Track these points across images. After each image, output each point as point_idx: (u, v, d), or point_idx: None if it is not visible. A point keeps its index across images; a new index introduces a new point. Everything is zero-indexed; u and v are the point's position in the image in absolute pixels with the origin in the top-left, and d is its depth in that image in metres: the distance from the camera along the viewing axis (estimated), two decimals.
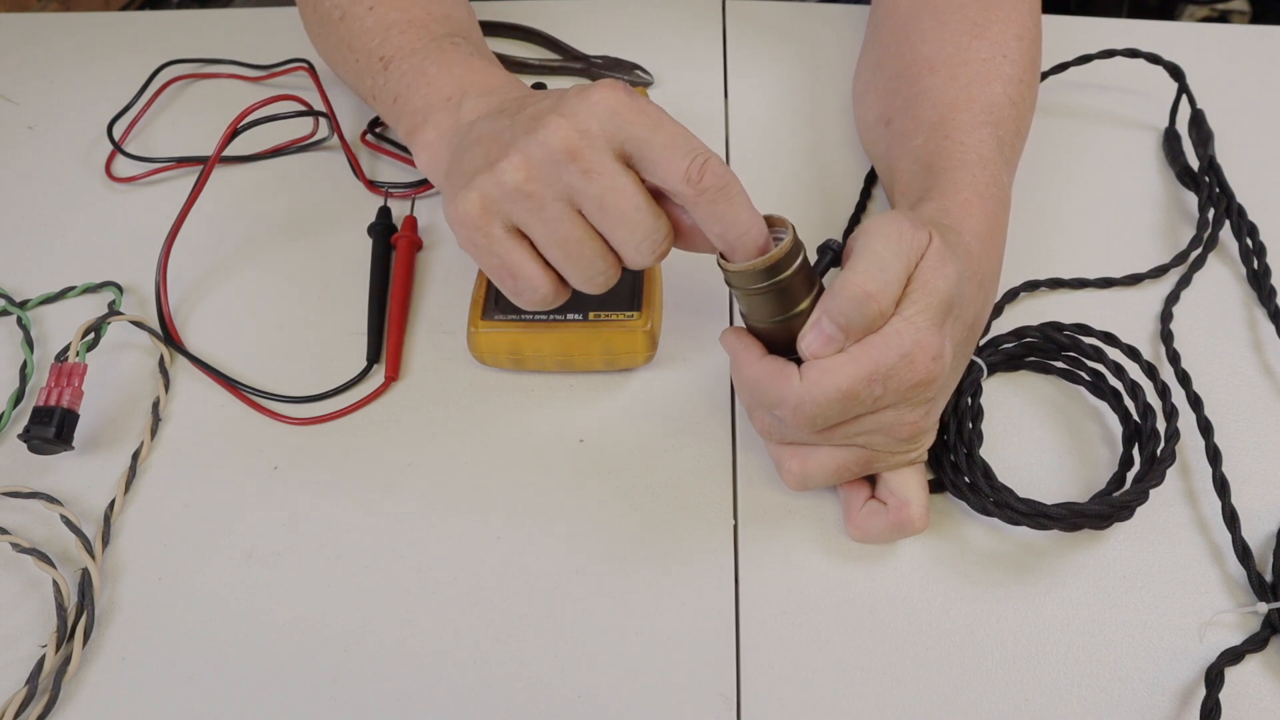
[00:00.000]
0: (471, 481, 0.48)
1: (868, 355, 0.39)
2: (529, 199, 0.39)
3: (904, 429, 0.41)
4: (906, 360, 0.39)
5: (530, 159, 0.39)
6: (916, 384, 0.40)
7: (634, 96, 0.39)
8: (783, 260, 0.39)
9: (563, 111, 0.39)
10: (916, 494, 0.43)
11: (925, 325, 0.39)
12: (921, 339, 0.39)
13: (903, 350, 0.39)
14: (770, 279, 0.40)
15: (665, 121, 0.39)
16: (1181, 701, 0.41)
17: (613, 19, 0.73)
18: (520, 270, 0.41)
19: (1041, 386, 0.51)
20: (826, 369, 0.39)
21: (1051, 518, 0.43)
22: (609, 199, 0.39)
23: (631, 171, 0.39)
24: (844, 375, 0.39)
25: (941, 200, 0.46)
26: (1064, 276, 0.55)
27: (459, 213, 0.41)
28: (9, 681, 0.42)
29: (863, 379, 0.39)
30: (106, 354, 0.53)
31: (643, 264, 0.41)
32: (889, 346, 0.39)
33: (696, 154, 0.38)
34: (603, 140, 0.39)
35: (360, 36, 0.54)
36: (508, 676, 0.42)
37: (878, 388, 0.39)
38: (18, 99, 0.69)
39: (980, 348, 0.50)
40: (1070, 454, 0.49)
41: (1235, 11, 1.26)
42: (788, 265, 0.39)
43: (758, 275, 0.40)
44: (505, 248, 0.41)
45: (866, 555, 0.45)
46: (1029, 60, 0.54)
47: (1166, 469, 0.45)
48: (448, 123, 0.47)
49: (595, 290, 0.42)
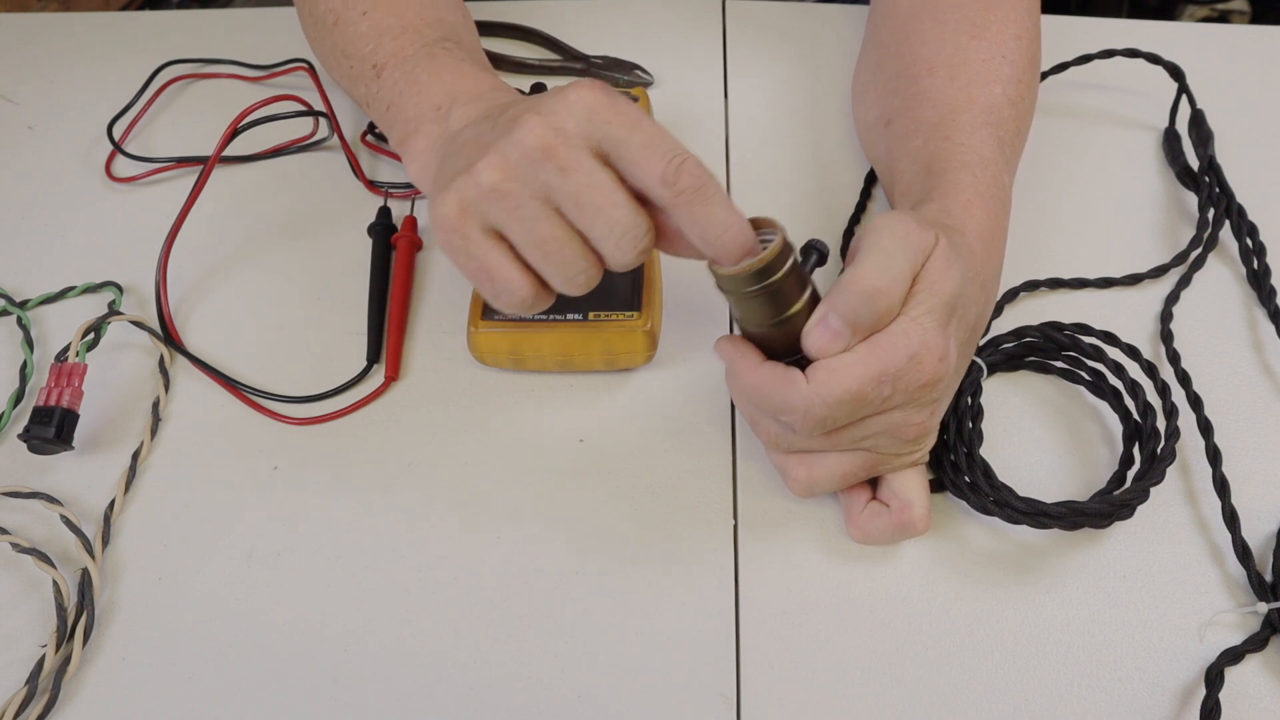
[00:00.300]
0: (471, 481, 0.48)
1: (875, 356, 0.39)
2: (505, 198, 0.39)
3: (910, 429, 0.41)
4: (914, 361, 0.39)
5: (506, 159, 0.39)
6: (924, 384, 0.39)
7: (612, 96, 0.39)
8: (773, 263, 0.39)
9: (539, 111, 0.39)
10: (919, 495, 0.43)
11: (932, 326, 0.39)
12: (929, 339, 0.39)
13: (910, 351, 0.39)
14: (761, 282, 0.39)
15: (643, 122, 0.39)
16: (1181, 701, 0.41)
17: (613, 19, 0.73)
18: (498, 272, 0.41)
19: (1041, 386, 0.51)
20: (834, 371, 0.39)
21: (1051, 516, 0.43)
22: (585, 195, 0.38)
23: (609, 169, 0.39)
24: (852, 376, 0.39)
25: (943, 201, 0.46)
26: (1064, 276, 0.55)
27: (437, 215, 0.41)
28: (9, 681, 0.42)
29: (872, 380, 0.39)
30: (106, 354, 0.53)
31: (624, 262, 0.40)
32: (896, 347, 0.39)
33: (673, 155, 0.38)
34: (579, 138, 0.38)
35: (354, 42, 0.54)
36: (508, 676, 0.42)
37: (886, 388, 0.39)
38: (18, 99, 0.69)
39: (980, 347, 0.50)
40: (1070, 453, 0.49)
41: (1235, 11, 1.26)
42: (778, 267, 0.39)
43: (748, 279, 0.39)
44: (483, 249, 0.41)
45: (866, 555, 0.45)
46: (1028, 60, 0.54)
47: (1167, 467, 0.45)
48: (436, 132, 0.46)
49: (577, 291, 0.41)
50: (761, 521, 0.46)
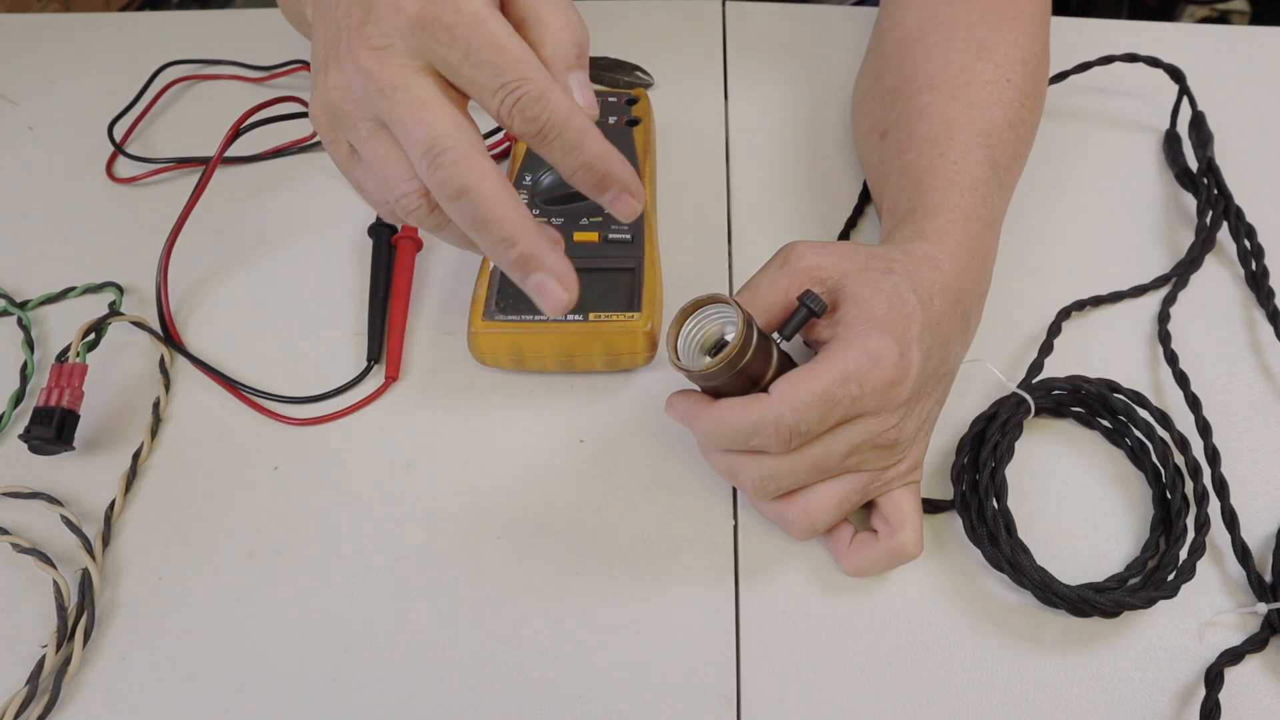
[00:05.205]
0: (471, 481, 0.48)
1: (831, 359, 0.40)
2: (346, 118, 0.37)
3: (888, 435, 0.41)
4: (872, 358, 0.39)
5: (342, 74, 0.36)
6: (890, 382, 0.40)
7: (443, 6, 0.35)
8: (737, 354, 0.39)
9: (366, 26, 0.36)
10: (911, 519, 0.43)
11: (878, 330, 0.40)
12: (883, 338, 0.40)
13: (865, 349, 0.40)
14: (731, 370, 0.39)
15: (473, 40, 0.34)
16: (1181, 702, 0.41)
17: (613, 21, 0.73)
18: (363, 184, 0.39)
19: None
20: (795, 379, 0.40)
21: (1060, 596, 0.42)
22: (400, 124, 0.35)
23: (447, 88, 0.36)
24: (814, 378, 0.39)
25: (921, 224, 0.47)
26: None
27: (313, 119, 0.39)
28: (9, 681, 0.42)
29: (835, 379, 0.39)
30: (107, 354, 0.53)
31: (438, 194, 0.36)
32: (850, 345, 0.40)
33: (504, 91, 0.34)
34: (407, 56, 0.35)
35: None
36: (508, 676, 0.42)
37: (853, 386, 0.39)
38: (18, 99, 0.69)
39: (1031, 386, 0.49)
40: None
41: (1235, 11, 1.26)
42: (743, 355, 0.39)
43: (717, 373, 0.39)
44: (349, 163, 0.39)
45: None
46: (1033, 86, 0.54)
47: (1197, 561, 0.43)
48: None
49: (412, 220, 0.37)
50: (762, 521, 0.46)
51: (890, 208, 0.51)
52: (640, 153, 0.58)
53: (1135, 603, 0.42)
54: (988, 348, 0.51)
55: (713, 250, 0.58)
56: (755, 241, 0.58)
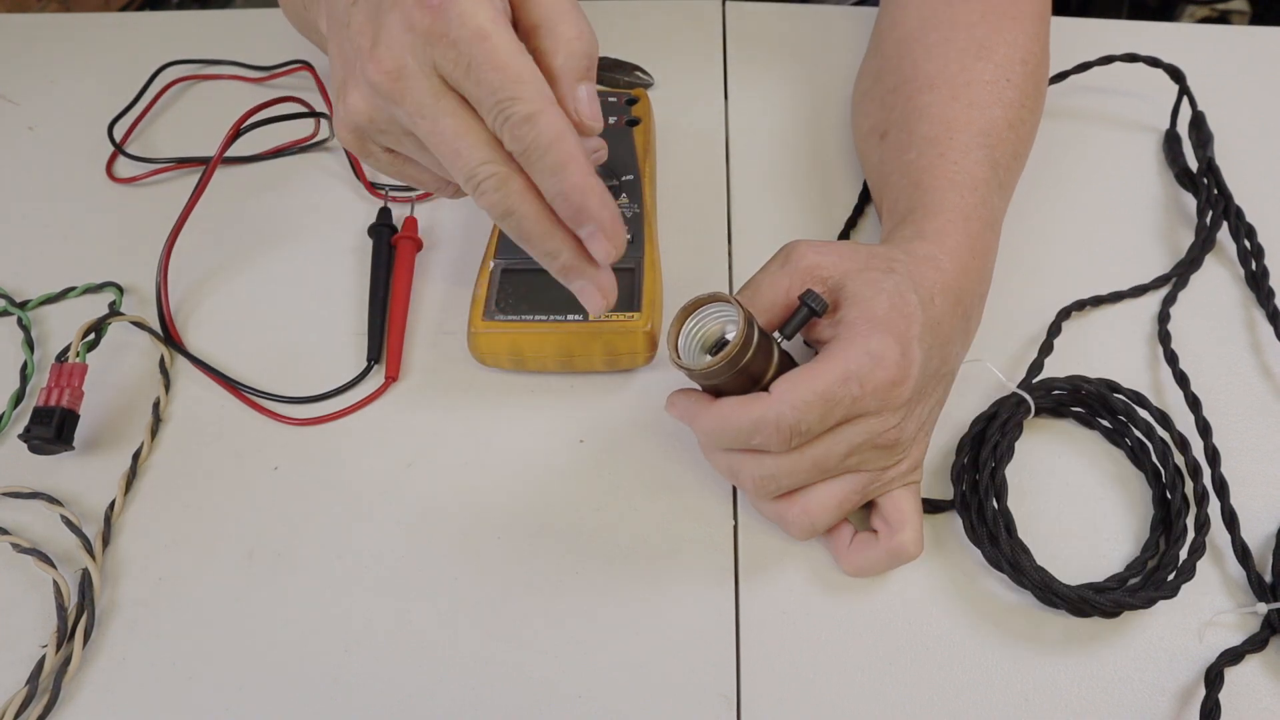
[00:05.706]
0: (471, 481, 0.48)
1: (833, 358, 0.40)
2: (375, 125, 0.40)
3: (889, 434, 0.41)
4: (874, 358, 0.39)
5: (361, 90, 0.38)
6: (892, 381, 0.40)
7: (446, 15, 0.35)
8: (738, 353, 0.39)
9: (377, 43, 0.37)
10: (911, 519, 0.43)
11: (880, 330, 0.40)
12: (885, 339, 0.40)
13: (867, 349, 0.40)
14: (732, 369, 0.39)
15: (476, 55, 0.35)
16: (1181, 702, 0.41)
17: (613, 21, 0.73)
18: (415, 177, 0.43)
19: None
20: (795, 378, 0.40)
21: (1059, 596, 0.42)
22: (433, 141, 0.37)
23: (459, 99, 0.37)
24: (817, 378, 0.39)
25: (921, 224, 0.47)
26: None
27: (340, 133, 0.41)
28: (9, 681, 0.42)
29: (836, 378, 0.39)
30: (107, 354, 0.53)
31: None
32: (853, 345, 0.40)
33: (499, 108, 0.35)
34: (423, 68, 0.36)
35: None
36: (508, 676, 0.42)
37: (854, 386, 0.39)
38: (18, 99, 0.69)
39: (1031, 386, 0.49)
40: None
41: (1235, 11, 1.26)
42: (744, 354, 0.39)
43: (718, 371, 0.39)
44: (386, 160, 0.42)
45: None
46: (1033, 86, 0.54)
47: (1197, 561, 0.43)
48: None
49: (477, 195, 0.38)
50: (762, 521, 0.46)
51: (890, 208, 0.51)
52: (640, 153, 0.58)
53: (1135, 603, 0.42)
54: (988, 348, 0.51)
55: (713, 250, 0.58)
56: (755, 241, 0.58)
